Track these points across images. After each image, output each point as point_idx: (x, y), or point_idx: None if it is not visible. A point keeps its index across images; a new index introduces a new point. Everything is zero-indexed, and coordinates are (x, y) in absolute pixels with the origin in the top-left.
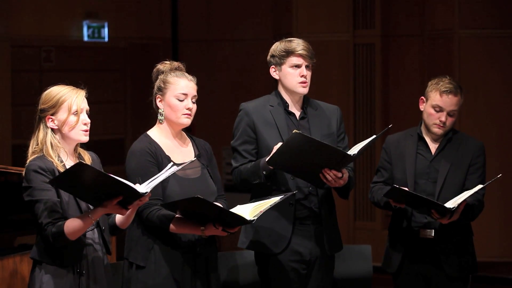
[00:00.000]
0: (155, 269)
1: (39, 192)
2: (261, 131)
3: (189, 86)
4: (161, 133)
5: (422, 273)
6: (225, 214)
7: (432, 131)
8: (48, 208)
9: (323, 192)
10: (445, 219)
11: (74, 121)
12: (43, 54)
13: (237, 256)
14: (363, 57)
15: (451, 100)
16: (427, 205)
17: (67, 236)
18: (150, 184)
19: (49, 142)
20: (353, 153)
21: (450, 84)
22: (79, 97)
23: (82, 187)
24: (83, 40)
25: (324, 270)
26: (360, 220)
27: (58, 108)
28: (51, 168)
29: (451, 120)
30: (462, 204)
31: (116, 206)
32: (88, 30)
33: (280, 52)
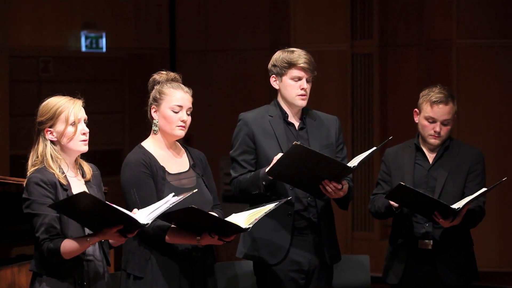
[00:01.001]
0: (152, 280)
1: (38, 206)
2: (260, 141)
3: (185, 98)
4: (156, 144)
5: (421, 284)
6: (220, 223)
7: (429, 142)
8: (46, 223)
9: (322, 203)
10: (447, 222)
11: (72, 132)
12: (41, 64)
13: (236, 266)
14: (361, 67)
15: (442, 110)
16: (431, 206)
17: (62, 255)
18: (151, 215)
19: (49, 154)
20: (353, 165)
21: (440, 94)
22: (75, 107)
23: (83, 214)
24: (81, 50)
25: (323, 280)
26: (358, 230)
27: (55, 120)
28: (53, 181)
29: (445, 129)
30: (465, 208)
31: (115, 234)
32: (86, 40)
33: (282, 62)
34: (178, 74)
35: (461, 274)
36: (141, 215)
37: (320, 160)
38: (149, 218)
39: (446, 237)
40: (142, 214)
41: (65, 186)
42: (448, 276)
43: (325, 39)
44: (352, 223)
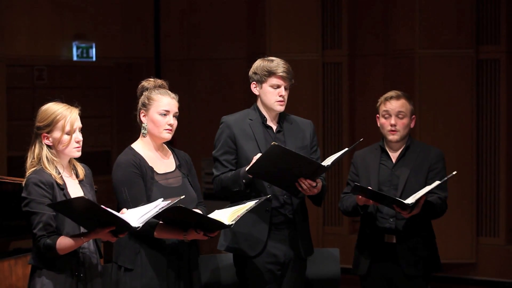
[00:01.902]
0: (142, 272)
1: (37, 205)
2: (241, 143)
3: (171, 103)
4: (144, 146)
5: (385, 275)
6: (205, 220)
7: (389, 139)
8: (44, 221)
9: (297, 201)
10: (406, 213)
11: (67, 140)
12: (36, 72)
13: (217, 259)
14: (331, 75)
15: (395, 103)
16: (389, 200)
17: (58, 251)
18: (142, 218)
19: (45, 157)
20: (326, 164)
21: (392, 92)
22: (72, 117)
23: (79, 215)
24: (73, 59)
25: (297, 271)
26: (329, 225)
27: (52, 127)
28: (50, 182)
29: (402, 122)
30: (422, 199)
31: (108, 234)
32: (77, 50)
33: (262, 71)
34: (165, 81)
35: (423, 265)
36: (132, 217)
37: (296, 159)
38: (140, 222)
39: (409, 231)
40: (133, 216)
41: (61, 186)
42: (410, 268)
43: (298, 49)
44: (324, 218)
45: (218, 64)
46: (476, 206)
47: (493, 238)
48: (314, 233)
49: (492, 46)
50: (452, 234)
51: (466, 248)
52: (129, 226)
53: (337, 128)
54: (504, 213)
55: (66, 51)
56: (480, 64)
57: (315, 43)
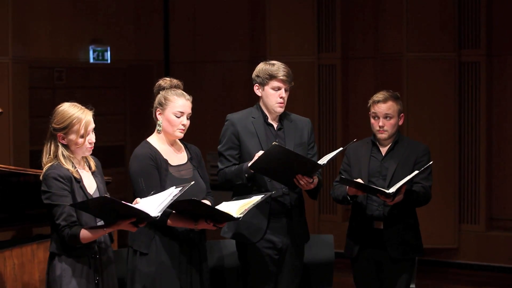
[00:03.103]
0: (156, 257)
1: (57, 197)
2: (244, 139)
3: (186, 105)
4: (159, 140)
5: (374, 258)
6: (216, 213)
7: (378, 137)
8: (65, 212)
9: (295, 194)
10: (389, 200)
11: (81, 142)
12: (56, 74)
13: (221, 244)
14: (326, 76)
15: (382, 106)
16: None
17: (81, 241)
18: (159, 207)
19: (61, 155)
20: (322, 163)
21: (381, 95)
22: (86, 120)
23: (100, 210)
24: (89, 62)
25: (294, 256)
26: (324, 214)
27: (68, 130)
28: (68, 175)
29: (389, 123)
30: (403, 187)
31: (129, 225)
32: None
33: (264, 74)
34: (180, 81)
35: (407, 249)
36: (149, 206)
37: (295, 158)
38: (158, 211)
39: (395, 218)
40: (149, 205)
41: (78, 179)
42: (395, 252)
43: (295, 52)
44: (319, 207)
45: (222, 66)
46: (458, 196)
47: (474, 226)
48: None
49: (473, 50)
50: (437, 221)
51: (449, 234)
52: (149, 216)
53: (331, 125)
54: (484, 203)
55: (84, 54)
56: (462, 66)
57: (311, 47)
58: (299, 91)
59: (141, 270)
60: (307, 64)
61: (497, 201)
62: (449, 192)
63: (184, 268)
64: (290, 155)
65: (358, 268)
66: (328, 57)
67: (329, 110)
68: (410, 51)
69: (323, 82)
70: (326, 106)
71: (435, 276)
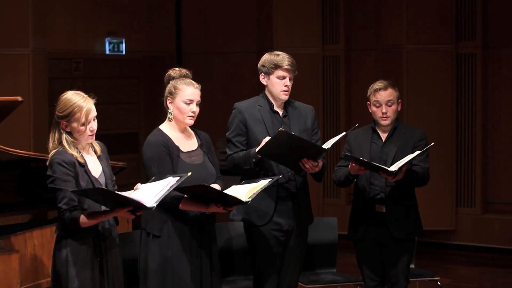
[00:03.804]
0: (168, 239)
1: (61, 182)
2: (251, 126)
3: (195, 93)
4: (171, 128)
5: (376, 240)
6: (225, 197)
7: (381, 124)
8: (67, 197)
9: (300, 178)
10: (390, 178)
11: (82, 130)
12: (74, 64)
13: (230, 226)
14: (330, 67)
15: (384, 94)
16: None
17: (80, 225)
18: (156, 197)
19: (65, 141)
20: (326, 147)
21: (380, 83)
22: (87, 109)
23: (101, 199)
24: (105, 53)
25: (299, 237)
26: (328, 197)
27: (70, 118)
28: (72, 161)
29: (391, 109)
30: (404, 166)
31: (127, 212)
32: (109, 45)
33: (270, 64)
34: (189, 70)
35: (408, 229)
36: (146, 195)
37: (300, 143)
38: (154, 202)
39: (396, 201)
40: (147, 194)
41: (82, 164)
42: (397, 232)
43: (301, 44)
44: (324, 191)
45: (231, 57)
46: (455, 181)
47: (470, 209)
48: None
49: (470, 42)
50: (435, 205)
51: (447, 217)
52: (143, 206)
53: (335, 112)
54: (479, 187)
55: (100, 46)
56: (459, 57)
57: (316, 38)
58: (305, 81)
59: (154, 252)
60: (312, 55)
61: (492, 185)
62: (446, 177)
63: (194, 250)
64: (296, 140)
65: (361, 249)
66: (332, 49)
67: (333, 98)
68: (409, 43)
69: (327, 72)
70: (330, 94)
71: (433, 256)
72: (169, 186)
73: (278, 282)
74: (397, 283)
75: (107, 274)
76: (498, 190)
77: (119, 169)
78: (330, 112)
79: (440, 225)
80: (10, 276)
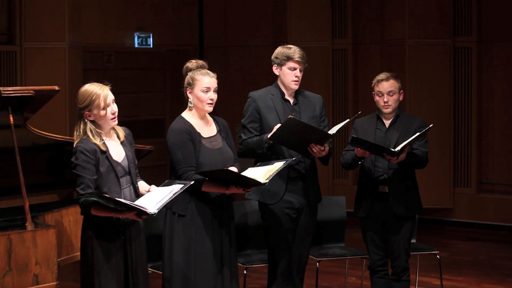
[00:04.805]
0: (191, 218)
1: (81, 168)
2: (264, 114)
3: (211, 81)
4: (192, 116)
5: (380, 217)
6: (244, 179)
7: (384, 112)
8: (84, 183)
9: (309, 160)
10: (394, 159)
11: (103, 114)
12: (106, 57)
13: (245, 205)
14: (339, 59)
15: (386, 84)
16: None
17: (91, 212)
18: (158, 204)
19: (89, 131)
20: (332, 133)
21: (383, 75)
22: (104, 94)
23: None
24: (134, 46)
25: (309, 215)
26: (337, 178)
27: (91, 107)
28: (93, 149)
29: (392, 99)
30: (406, 147)
31: (133, 215)
32: (138, 39)
33: (282, 56)
34: (204, 61)
35: (408, 208)
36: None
37: (308, 129)
38: (156, 208)
39: (398, 182)
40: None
41: (103, 151)
42: (399, 210)
43: (312, 38)
44: (332, 173)
45: (248, 50)
46: (453, 163)
47: (466, 188)
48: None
49: (466, 37)
50: (434, 185)
51: (445, 196)
52: (146, 213)
53: (343, 101)
54: (475, 168)
55: (130, 40)
56: (456, 51)
57: (326, 33)
58: (316, 72)
59: (179, 230)
60: (322, 49)
61: (486, 167)
62: (445, 159)
63: (216, 229)
64: (304, 126)
65: (366, 226)
66: (341, 43)
67: (342, 88)
68: (411, 38)
69: (336, 64)
70: (339, 84)
71: (433, 232)
72: (173, 193)
73: (290, 256)
74: (399, 257)
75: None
76: (492, 172)
77: (147, 152)
78: (339, 101)
79: (439, 203)
80: (48, 250)
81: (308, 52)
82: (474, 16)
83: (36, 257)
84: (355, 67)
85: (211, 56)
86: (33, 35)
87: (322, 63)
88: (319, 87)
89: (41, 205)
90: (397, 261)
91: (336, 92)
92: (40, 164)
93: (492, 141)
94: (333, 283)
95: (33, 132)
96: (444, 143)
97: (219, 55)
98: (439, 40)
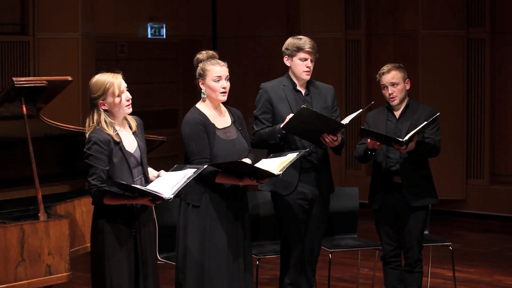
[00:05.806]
0: (206, 209)
1: (94, 159)
2: (276, 105)
3: (222, 70)
4: (206, 106)
5: (393, 208)
6: (258, 171)
7: (391, 104)
8: (97, 173)
9: (321, 151)
10: (402, 148)
11: (118, 102)
12: (119, 47)
13: (258, 196)
14: (352, 50)
15: (387, 76)
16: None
17: (104, 201)
18: (173, 189)
19: (103, 121)
20: (345, 123)
21: (385, 67)
22: (117, 82)
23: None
24: (147, 37)
25: (322, 205)
26: (349, 169)
27: (105, 95)
28: (107, 139)
29: (397, 89)
30: (415, 137)
31: (147, 201)
32: (151, 29)
33: (293, 47)
34: (215, 51)
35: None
36: (165, 186)
37: (321, 119)
38: (171, 193)
39: (411, 172)
40: (166, 185)
41: (116, 142)
42: (412, 200)
43: (325, 28)
44: (346, 164)
45: (262, 41)
46: (466, 154)
47: (479, 180)
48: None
49: (479, 28)
50: (447, 176)
51: (458, 188)
52: (161, 198)
53: (356, 92)
54: (487, 160)
55: (142, 30)
56: (469, 42)
57: (339, 24)
58: (329, 63)
59: (193, 221)
60: (335, 40)
61: (499, 159)
62: (458, 151)
63: (231, 220)
64: (316, 116)
65: (379, 217)
66: (354, 34)
67: (355, 79)
68: (424, 29)
69: (349, 55)
70: (352, 75)
71: (445, 224)
72: (186, 177)
73: (303, 247)
74: (412, 248)
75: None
76: (505, 163)
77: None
78: (352, 92)
79: (452, 195)
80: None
81: (321, 43)
82: (487, 7)
83: (49, 247)
84: (368, 58)
85: (224, 46)
86: (46, 26)
87: (335, 54)
88: (332, 78)
89: (54, 195)
90: (410, 252)
91: (349, 83)
92: (53, 154)
93: (506, 132)
94: (346, 274)
95: (46, 123)
96: (457, 135)
97: (232, 46)
98: (452, 31)
